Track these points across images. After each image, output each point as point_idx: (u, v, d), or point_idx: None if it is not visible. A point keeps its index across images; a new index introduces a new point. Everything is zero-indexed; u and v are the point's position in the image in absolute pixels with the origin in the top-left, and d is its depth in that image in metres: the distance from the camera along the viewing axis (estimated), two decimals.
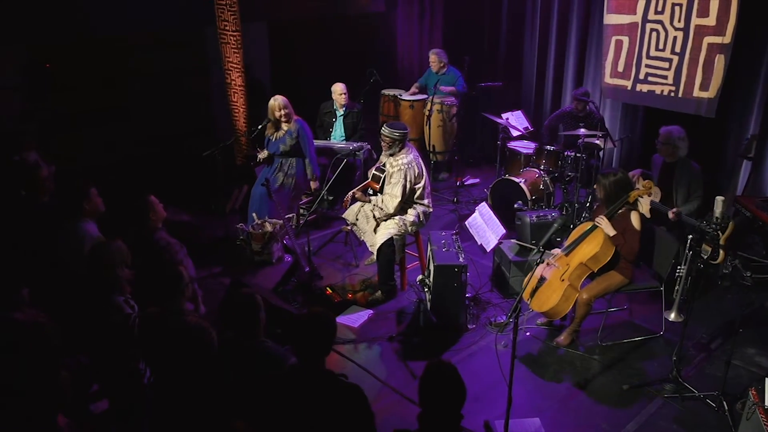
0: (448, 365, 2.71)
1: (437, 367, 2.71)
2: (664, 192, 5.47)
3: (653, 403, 4.24)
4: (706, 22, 6.29)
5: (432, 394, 2.65)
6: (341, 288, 5.53)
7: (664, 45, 6.65)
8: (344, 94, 7.00)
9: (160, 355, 3.66)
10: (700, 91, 6.48)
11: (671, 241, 4.73)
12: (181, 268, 3.70)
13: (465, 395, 2.69)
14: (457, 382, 2.66)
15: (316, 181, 6.25)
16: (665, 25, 6.61)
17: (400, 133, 5.12)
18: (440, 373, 2.68)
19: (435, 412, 2.64)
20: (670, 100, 6.71)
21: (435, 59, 7.65)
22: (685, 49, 6.50)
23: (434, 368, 2.70)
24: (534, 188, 6.47)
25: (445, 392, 2.63)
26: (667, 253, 4.72)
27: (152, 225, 4.48)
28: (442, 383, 2.65)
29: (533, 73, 8.36)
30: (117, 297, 3.89)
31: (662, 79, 6.73)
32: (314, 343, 2.85)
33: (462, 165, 7.94)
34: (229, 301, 3.52)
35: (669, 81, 6.68)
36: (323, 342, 2.87)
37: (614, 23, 6.98)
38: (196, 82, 7.84)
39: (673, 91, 6.65)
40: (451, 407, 2.64)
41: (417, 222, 5.32)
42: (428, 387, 2.66)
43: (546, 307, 4.61)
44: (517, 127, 7.13)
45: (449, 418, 2.65)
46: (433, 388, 2.65)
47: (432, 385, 2.66)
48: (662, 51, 6.68)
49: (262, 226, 5.96)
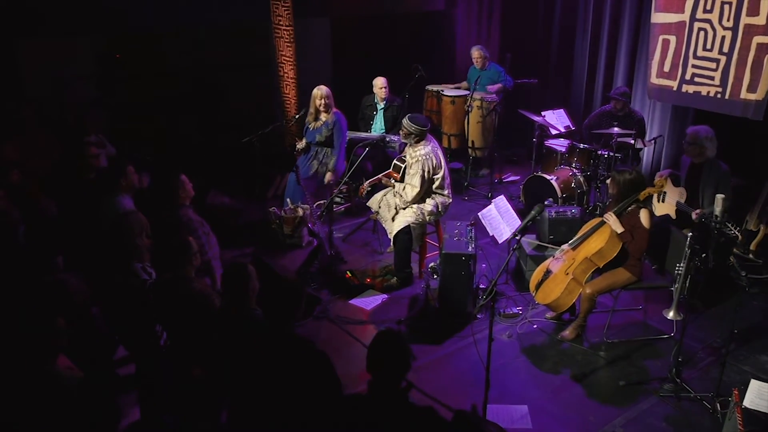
0: (396, 333, 2.88)
1: (384, 334, 2.88)
2: (690, 193, 5.36)
3: (647, 400, 4.21)
4: (756, 21, 6.06)
5: (376, 360, 2.82)
6: (361, 273, 5.75)
7: (711, 45, 6.45)
8: (384, 87, 7.22)
9: (170, 317, 4.03)
10: (747, 93, 6.24)
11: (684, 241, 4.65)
12: (191, 239, 4.02)
13: (408, 362, 2.85)
14: (400, 349, 2.82)
15: (335, 174, 6.44)
16: (713, 24, 6.41)
17: (416, 128, 5.28)
18: (386, 341, 2.85)
19: (380, 377, 2.82)
20: (716, 101, 6.51)
21: (478, 55, 7.73)
22: (734, 49, 6.29)
23: (381, 335, 2.88)
24: (566, 186, 6.46)
25: (389, 358, 2.80)
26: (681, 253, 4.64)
27: (179, 201, 4.85)
28: (387, 349, 2.81)
29: (584, 72, 8.28)
30: (136, 263, 4.28)
31: (709, 80, 6.53)
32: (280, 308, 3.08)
33: (502, 162, 7.98)
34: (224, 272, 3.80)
35: (716, 82, 6.47)
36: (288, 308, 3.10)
37: (661, 22, 6.83)
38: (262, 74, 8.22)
39: (720, 93, 6.44)
40: (394, 372, 2.81)
41: (435, 212, 5.46)
42: (374, 353, 2.84)
43: (549, 299, 4.66)
44: (557, 126, 7.11)
45: (394, 384, 2.82)
46: (378, 354, 2.82)
47: (377, 351, 2.83)
48: (710, 51, 6.48)
49: (294, 210, 6.27)
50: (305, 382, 3.05)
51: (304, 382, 3.05)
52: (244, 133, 6.23)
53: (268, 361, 3.12)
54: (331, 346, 4.66)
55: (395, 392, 2.84)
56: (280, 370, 3.08)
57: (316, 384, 3.07)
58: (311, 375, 3.07)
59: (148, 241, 4.38)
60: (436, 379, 4.42)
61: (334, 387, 3.12)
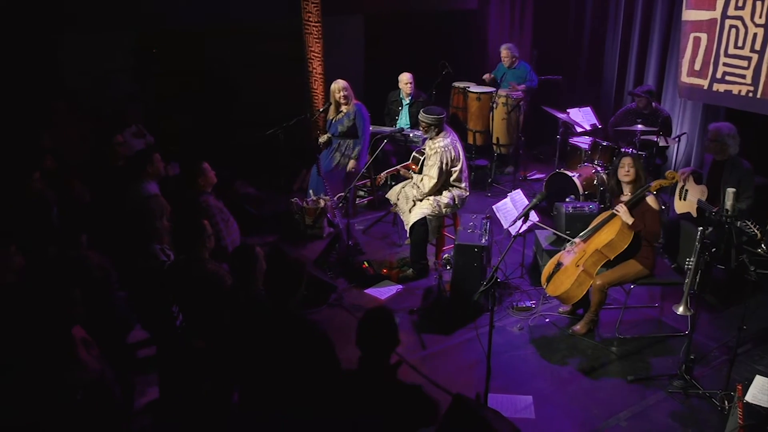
0: (385, 310, 2.96)
1: (373, 311, 2.96)
2: (711, 191, 5.28)
3: (654, 396, 4.19)
4: None
5: (365, 336, 2.90)
6: (378, 264, 5.84)
7: (743, 42, 6.34)
8: (410, 83, 7.29)
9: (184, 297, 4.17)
10: None
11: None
12: (206, 222, 4.16)
13: (396, 338, 2.92)
14: (388, 325, 2.90)
15: (357, 162, 6.52)
16: (745, 22, 6.30)
17: (434, 118, 5.33)
18: (374, 317, 2.93)
19: (369, 353, 2.89)
20: (747, 100, 6.38)
21: (507, 54, 7.74)
22: (766, 46, 6.17)
23: (370, 312, 2.96)
24: (588, 183, 6.42)
25: (377, 334, 2.88)
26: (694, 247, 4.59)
27: (200, 188, 5.01)
28: (375, 326, 2.89)
29: (614, 71, 8.20)
30: (155, 245, 4.45)
31: (740, 78, 6.41)
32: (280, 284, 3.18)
33: (528, 159, 7.95)
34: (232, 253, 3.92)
35: (747, 81, 6.35)
36: (289, 284, 3.20)
37: (693, 19, 6.73)
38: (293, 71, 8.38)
39: (752, 92, 6.32)
40: (382, 348, 2.88)
41: (452, 204, 5.51)
42: (362, 329, 2.92)
43: (559, 291, 4.66)
44: (582, 124, 7.06)
45: (382, 360, 2.89)
46: (366, 330, 2.90)
47: (366, 327, 2.91)
48: (741, 49, 6.36)
49: (317, 202, 6.40)
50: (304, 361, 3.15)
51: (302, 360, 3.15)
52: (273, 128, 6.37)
53: (269, 339, 3.23)
54: (344, 334, 4.68)
55: (384, 368, 2.91)
56: (280, 348, 3.18)
57: (315, 363, 3.16)
58: (310, 354, 3.16)
59: (168, 224, 4.55)
60: (443, 368, 4.48)
61: (332, 366, 3.20)
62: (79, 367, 3.23)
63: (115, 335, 4.25)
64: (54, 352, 3.21)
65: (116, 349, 4.10)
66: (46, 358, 3.19)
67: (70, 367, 3.20)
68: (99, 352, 3.55)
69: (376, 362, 2.91)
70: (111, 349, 3.87)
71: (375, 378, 2.89)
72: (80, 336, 3.46)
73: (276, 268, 3.23)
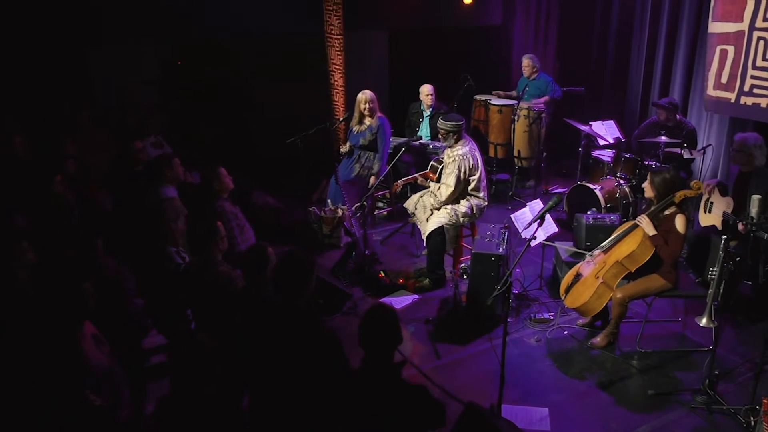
0: (386, 308, 2.90)
1: (375, 309, 2.91)
2: (737, 203, 5.14)
3: (675, 411, 4.04)
4: None
5: (367, 334, 2.84)
6: (395, 273, 5.77)
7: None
8: (431, 95, 7.27)
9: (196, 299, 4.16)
10: None
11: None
12: (219, 223, 4.16)
13: (399, 336, 2.86)
14: (390, 323, 2.84)
15: (377, 177, 6.46)
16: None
17: (452, 125, 5.29)
18: (376, 315, 2.88)
19: (371, 351, 2.83)
20: None
21: (528, 63, 7.69)
22: None
23: (372, 310, 2.91)
24: (610, 196, 6.30)
25: (379, 332, 2.82)
26: None
27: (215, 193, 5.02)
28: (377, 324, 2.84)
29: (639, 84, 8.09)
30: (170, 247, 4.46)
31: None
32: (289, 281, 3.14)
33: (550, 173, 7.85)
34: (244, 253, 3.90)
35: None
36: (299, 282, 3.16)
37: (719, 32, 6.62)
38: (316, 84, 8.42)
39: None
40: (385, 347, 2.82)
41: (469, 214, 5.44)
42: (364, 327, 2.86)
43: (578, 303, 4.55)
44: (605, 137, 6.96)
45: (385, 358, 2.83)
46: (368, 329, 2.85)
47: (368, 325, 2.86)
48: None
49: (335, 211, 6.37)
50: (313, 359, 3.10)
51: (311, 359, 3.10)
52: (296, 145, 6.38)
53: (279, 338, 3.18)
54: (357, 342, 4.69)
55: (387, 367, 2.85)
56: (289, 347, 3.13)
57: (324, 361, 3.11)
58: (318, 352, 3.11)
59: (183, 227, 4.56)
60: (457, 378, 4.38)
61: (341, 365, 3.15)
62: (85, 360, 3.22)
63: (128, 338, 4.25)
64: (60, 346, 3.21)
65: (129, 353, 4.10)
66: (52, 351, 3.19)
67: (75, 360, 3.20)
68: (110, 350, 3.55)
69: (379, 361, 2.85)
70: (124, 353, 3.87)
71: (378, 377, 2.83)
72: (91, 332, 3.46)
73: (285, 265, 3.19)
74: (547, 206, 3.82)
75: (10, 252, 3.85)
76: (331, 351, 3.17)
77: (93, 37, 6.93)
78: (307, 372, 3.11)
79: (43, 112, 6.52)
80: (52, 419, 3.15)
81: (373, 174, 6.53)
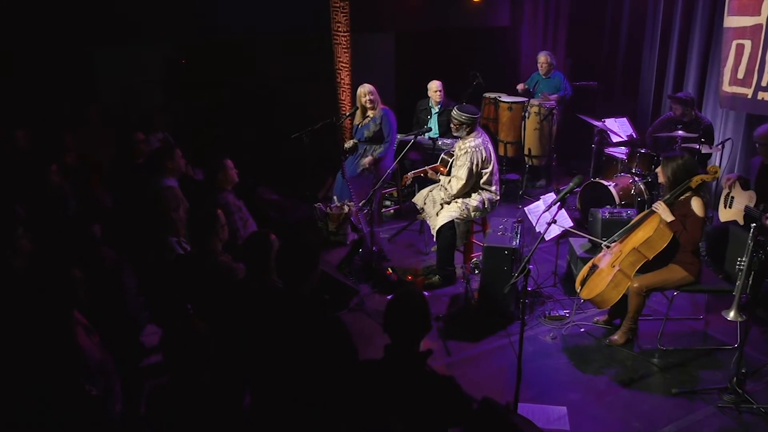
0: (416, 292, 2.73)
1: (404, 293, 2.74)
2: (760, 196, 4.94)
3: (702, 410, 3.82)
4: None
5: (394, 319, 2.65)
6: (403, 271, 5.58)
7: None
8: (439, 91, 7.12)
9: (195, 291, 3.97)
10: None
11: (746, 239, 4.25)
12: (219, 212, 3.98)
13: (429, 323, 2.67)
14: (420, 308, 2.66)
15: (375, 159, 6.32)
16: None
17: (467, 117, 5.12)
18: (405, 299, 2.70)
19: (397, 338, 2.65)
20: None
21: (545, 59, 7.51)
22: None
23: (401, 294, 2.73)
24: (625, 193, 6.11)
25: (407, 317, 2.63)
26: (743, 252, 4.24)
27: (219, 185, 4.85)
28: (406, 308, 2.65)
29: (652, 82, 7.92)
30: (171, 238, 4.28)
31: None
32: (295, 268, 2.96)
33: (561, 173, 7.67)
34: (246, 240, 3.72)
35: None
36: (304, 268, 2.97)
37: (735, 26, 6.45)
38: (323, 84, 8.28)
39: None
40: (412, 333, 2.63)
41: (481, 208, 5.25)
42: (391, 311, 2.68)
43: (594, 293, 4.33)
44: (620, 134, 6.78)
45: (412, 347, 2.64)
46: (395, 313, 2.66)
47: (394, 309, 2.67)
48: None
49: (341, 207, 6.20)
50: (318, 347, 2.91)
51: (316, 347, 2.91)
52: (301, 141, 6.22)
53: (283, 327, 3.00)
54: (364, 339, 4.47)
55: (413, 356, 2.66)
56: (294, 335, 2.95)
57: (329, 349, 2.93)
58: (324, 339, 2.92)
59: (184, 216, 4.39)
60: (469, 376, 4.17)
61: (348, 353, 2.96)
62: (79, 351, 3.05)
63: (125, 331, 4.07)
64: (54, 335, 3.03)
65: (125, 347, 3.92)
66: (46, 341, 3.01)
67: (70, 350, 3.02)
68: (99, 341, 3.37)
69: (405, 349, 2.65)
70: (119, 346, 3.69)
71: (403, 366, 2.64)
72: (82, 322, 3.28)
73: (289, 250, 3.01)
74: (568, 187, 3.63)
75: (4, 239, 3.69)
76: (339, 341, 2.98)
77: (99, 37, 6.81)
78: (312, 363, 2.93)
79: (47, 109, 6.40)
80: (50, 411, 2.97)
81: (371, 156, 6.35)
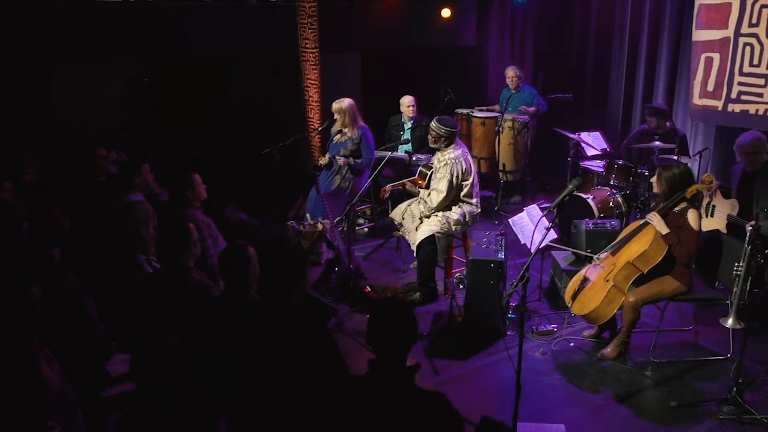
0: (401, 302, 2.53)
1: (388, 302, 2.53)
2: (742, 205, 4.90)
3: (703, 423, 3.67)
4: None
5: (378, 331, 2.44)
6: (382, 289, 5.36)
7: (759, 60, 6.09)
8: (412, 106, 6.99)
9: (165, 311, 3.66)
10: None
11: (739, 247, 4.17)
12: (191, 225, 3.71)
13: (415, 335, 2.47)
14: (406, 319, 2.45)
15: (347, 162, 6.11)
16: (760, 39, 6.07)
17: (446, 130, 4.97)
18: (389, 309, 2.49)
19: (382, 351, 2.43)
20: (765, 120, 6.10)
21: (513, 74, 7.45)
22: None
23: (385, 304, 2.53)
24: (603, 206, 6.03)
25: (392, 329, 2.43)
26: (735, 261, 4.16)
27: (188, 201, 4.56)
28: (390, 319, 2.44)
29: (620, 97, 7.97)
30: (140, 255, 3.98)
31: (757, 97, 6.14)
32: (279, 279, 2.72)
33: (535, 188, 7.60)
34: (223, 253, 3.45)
35: (765, 99, 6.07)
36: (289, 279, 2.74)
37: (704, 39, 6.50)
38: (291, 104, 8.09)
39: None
40: (398, 346, 2.42)
41: (462, 221, 5.09)
42: (375, 323, 2.46)
43: (587, 309, 4.19)
44: (595, 147, 6.74)
45: (398, 360, 2.43)
46: (379, 325, 2.45)
47: (379, 321, 2.46)
48: (757, 67, 6.11)
49: (314, 225, 5.96)
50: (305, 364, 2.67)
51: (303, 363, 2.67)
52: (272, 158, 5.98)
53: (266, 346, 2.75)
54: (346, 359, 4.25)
55: (399, 370, 2.44)
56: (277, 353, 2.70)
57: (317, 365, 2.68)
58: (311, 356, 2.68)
59: (153, 233, 4.10)
60: (459, 395, 3.91)
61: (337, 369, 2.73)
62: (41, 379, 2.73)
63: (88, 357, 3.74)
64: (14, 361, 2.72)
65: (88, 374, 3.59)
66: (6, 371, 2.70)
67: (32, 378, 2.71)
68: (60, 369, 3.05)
69: (391, 363, 2.43)
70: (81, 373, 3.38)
71: (389, 381, 2.41)
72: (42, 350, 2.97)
73: (273, 259, 2.77)
74: (567, 190, 3.51)
75: None
76: (328, 356, 2.75)
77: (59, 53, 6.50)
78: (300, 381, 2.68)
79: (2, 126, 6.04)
80: None
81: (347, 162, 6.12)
